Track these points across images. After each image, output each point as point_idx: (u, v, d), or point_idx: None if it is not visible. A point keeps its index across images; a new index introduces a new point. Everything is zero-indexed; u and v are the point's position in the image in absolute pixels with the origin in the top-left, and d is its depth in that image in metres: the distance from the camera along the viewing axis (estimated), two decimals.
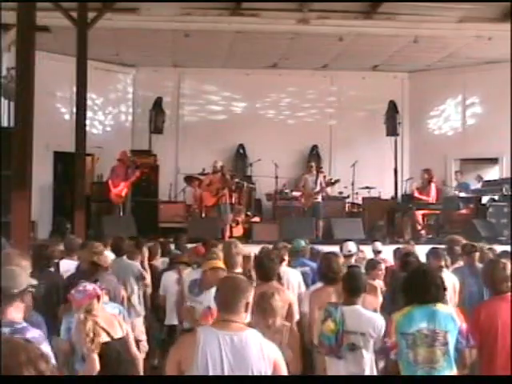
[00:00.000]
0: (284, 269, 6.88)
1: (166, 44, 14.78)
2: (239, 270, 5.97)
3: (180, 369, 3.39)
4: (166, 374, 3.50)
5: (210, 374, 3.33)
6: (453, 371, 4.26)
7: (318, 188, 13.75)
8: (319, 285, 5.98)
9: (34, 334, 3.39)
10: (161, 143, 16.21)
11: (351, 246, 7.89)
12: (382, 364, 5.05)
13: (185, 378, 3.35)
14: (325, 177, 14.51)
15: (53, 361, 3.39)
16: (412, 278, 4.48)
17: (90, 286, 4.78)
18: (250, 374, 3.34)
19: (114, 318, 4.77)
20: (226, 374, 3.33)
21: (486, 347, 4.43)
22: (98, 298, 4.68)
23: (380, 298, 6.11)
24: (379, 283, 6.81)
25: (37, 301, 4.09)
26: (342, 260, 6.04)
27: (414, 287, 4.36)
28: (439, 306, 4.32)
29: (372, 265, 7.13)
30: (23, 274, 3.62)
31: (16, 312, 3.44)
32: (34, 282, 3.65)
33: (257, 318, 4.59)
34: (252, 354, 3.36)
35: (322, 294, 5.61)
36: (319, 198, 13.76)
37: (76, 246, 7.35)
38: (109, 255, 6.63)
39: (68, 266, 6.81)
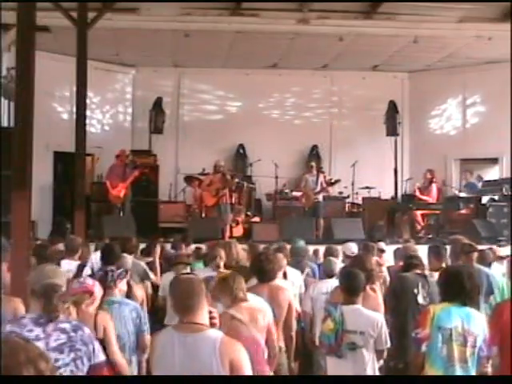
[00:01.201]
0: (287, 269, 6.89)
1: (165, 44, 14.78)
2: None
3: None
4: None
5: (164, 374, 3.38)
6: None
7: (319, 188, 13.75)
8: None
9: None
10: (161, 143, 16.20)
11: (354, 248, 7.89)
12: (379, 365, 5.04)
13: (185, 377, 3.35)
14: (325, 177, 14.51)
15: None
16: (459, 277, 4.38)
17: (90, 281, 4.78)
18: (201, 374, 3.30)
19: (91, 318, 4.67)
20: (178, 374, 3.33)
21: (507, 346, 4.38)
22: (91, 294, 4.65)
23: (380, 299, 6.10)
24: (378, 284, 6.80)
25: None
26: (374, 259, 6.09)
27: (459, 287, 4.32)
28: (473, 310, 4.35)
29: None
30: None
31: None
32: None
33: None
34: (203, 355, 3.33)
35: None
36: (320, 198, 13.76)
37: (77, 246, 7.39)
38: (128, 258, 6.64)
39: (69, 266, 6.83)
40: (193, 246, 9.79)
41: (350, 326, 4.82)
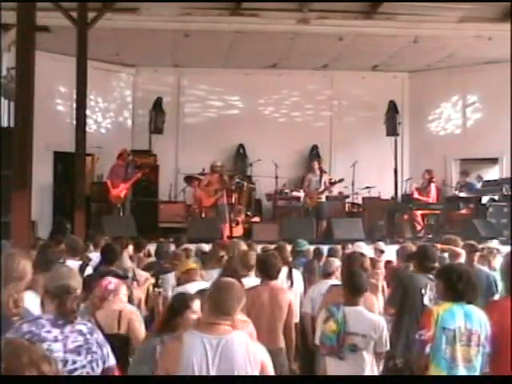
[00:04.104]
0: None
1: (166, 44, 14.77)
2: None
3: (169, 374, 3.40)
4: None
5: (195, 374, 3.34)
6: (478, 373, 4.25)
7: (323, 188, 13.71)
8: (338, 282, 5.98)
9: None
10: (161, 143, 16.21)
11: (363, 248, 7.86)
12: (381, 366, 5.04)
13: (184, 378, 3.34)
14: (330, 179, 14.40)
15: None
16: (462, 276, 4.34)
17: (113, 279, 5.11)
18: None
19: (114, 315, 4.83)
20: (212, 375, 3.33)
21: (496, 347, 4.34)
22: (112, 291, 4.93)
23: (381, 298, 6.10)
24: (381, 283, 6.81)
25: None
26: (368, 260, 6.13)
27: (463, 286, 4.28)
28: (474, 308, 4.31)
29: (372, 264, 7.01)
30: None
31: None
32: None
33: None
34: (238, 357, 3.34)
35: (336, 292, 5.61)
36: (323, 198, 13.74)
37: (79, 246, 7.39)
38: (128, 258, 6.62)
39: (71, 266, 6.82)
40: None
41: (352, 327, 4.80)
